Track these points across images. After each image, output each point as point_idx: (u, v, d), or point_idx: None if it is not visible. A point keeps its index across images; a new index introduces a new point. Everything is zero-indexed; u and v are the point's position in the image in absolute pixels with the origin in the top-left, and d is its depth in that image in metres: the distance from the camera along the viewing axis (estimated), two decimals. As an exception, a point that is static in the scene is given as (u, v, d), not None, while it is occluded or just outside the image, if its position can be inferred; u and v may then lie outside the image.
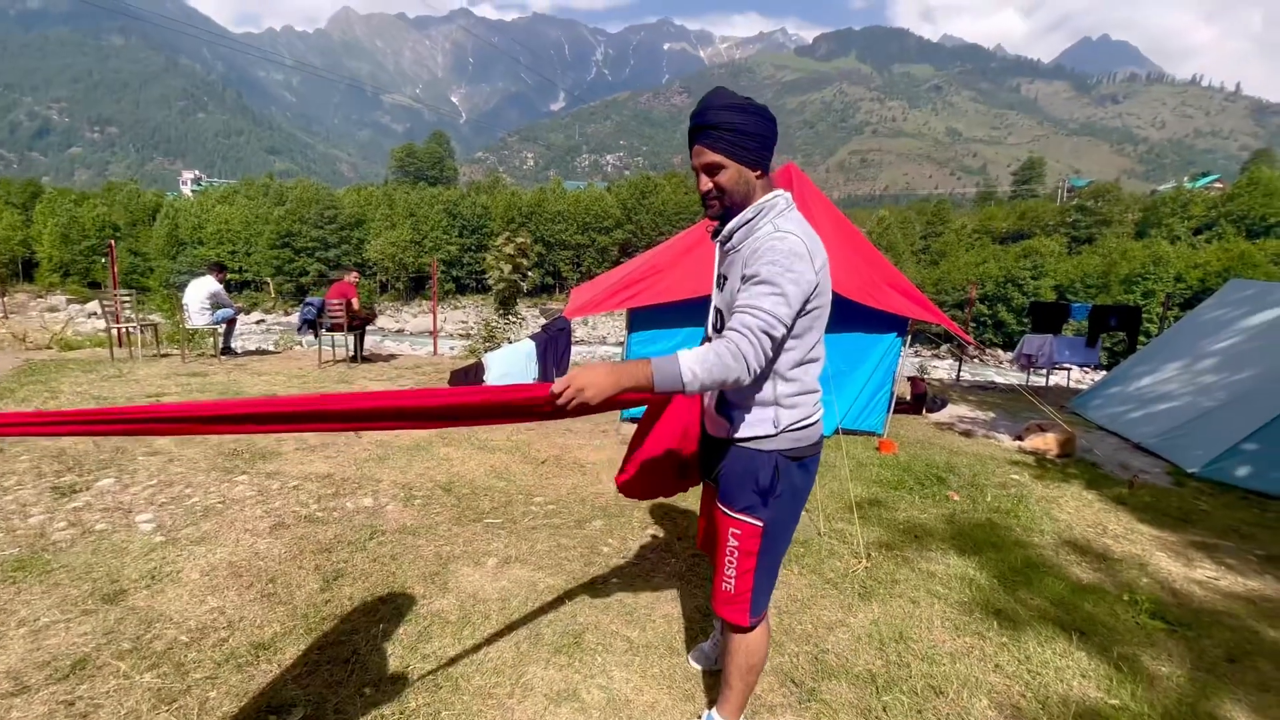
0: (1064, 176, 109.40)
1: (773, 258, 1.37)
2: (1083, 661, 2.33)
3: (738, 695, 1.73)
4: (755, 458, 1.53)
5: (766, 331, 1.33)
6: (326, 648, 2.16)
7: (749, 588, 1.59)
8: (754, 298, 1.36)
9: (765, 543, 1.56)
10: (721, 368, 1.30)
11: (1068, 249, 48.83)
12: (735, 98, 1.45)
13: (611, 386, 1.29)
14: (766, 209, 1.48)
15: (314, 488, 3.62)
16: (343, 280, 8.08)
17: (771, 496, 1.53)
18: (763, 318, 1.33)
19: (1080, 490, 4.40)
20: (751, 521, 1.55)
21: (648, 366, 1.29)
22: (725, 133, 1.41)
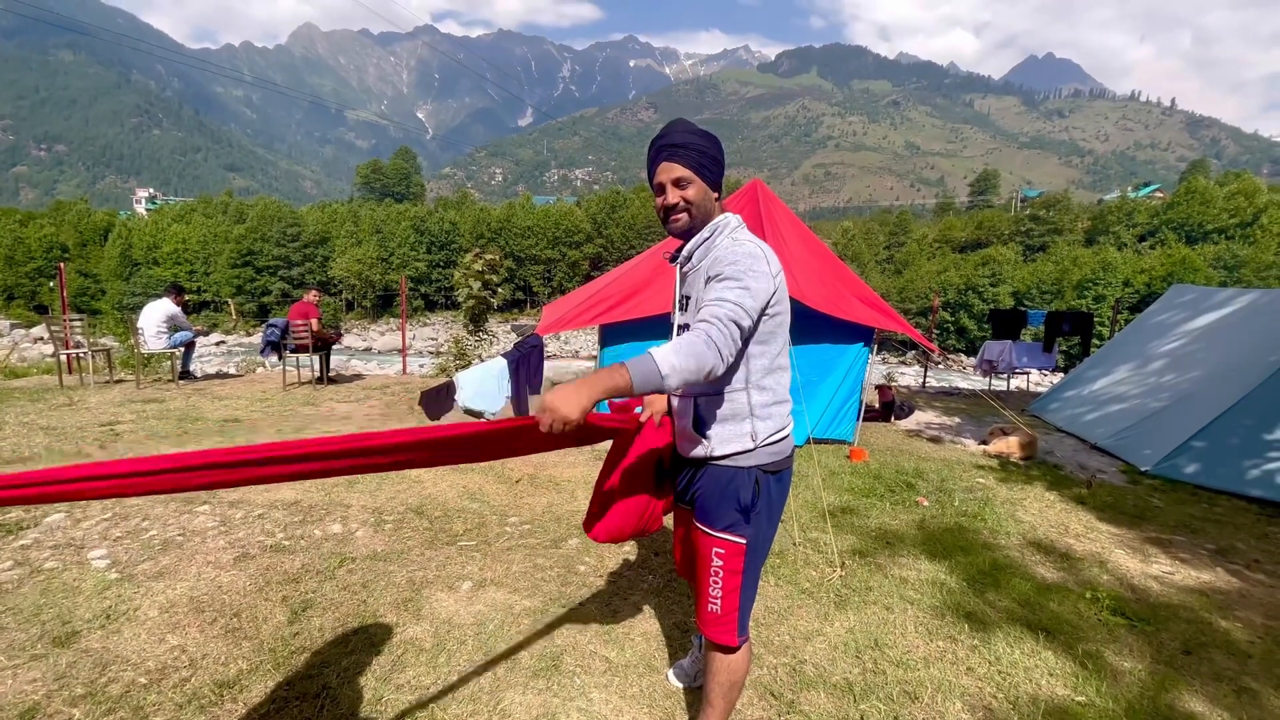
0: (1017, 188, 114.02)
1: (734, 259, 1.43)
2: (1050, 660, 2.39)
3: (721, 712, 1.72)
4: (735, 475, 1.53)
5: (734, 320, 1.34)
6: (296, 683, 2.09)
7: (735, 606, 1.58)
8: (719, 291, 1.38)
9: (748, 560, 1.57)
10: (696, 356, 1.28)
11: (1023, 257, 50.75)
12: (696, 126, 1.55)
13: (586, 399, 1.23)
14: (721, 227, 1.56)
15: (280, 515, 3.51)
16: (303, 300, 7.90)
17: (753, 513, 1.53)
18: (729, 307, 1.35)
19: (1043, 491, 4.55)
20: (735, 540, 1.54)
21: (624, 369, 1.25)
22: (693, 152, 1.50)
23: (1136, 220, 52.24)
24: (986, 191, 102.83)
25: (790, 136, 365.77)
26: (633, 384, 1.24)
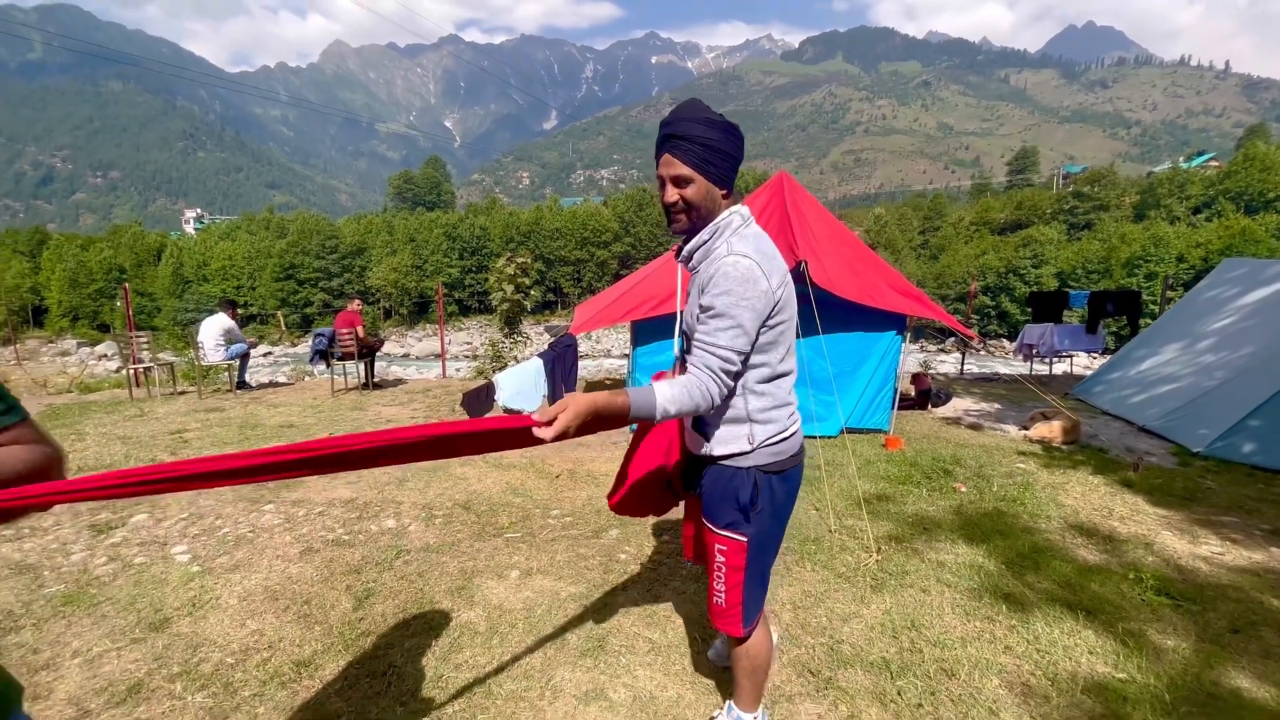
0: (1058, 164, 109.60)
1: (726, 286, 1.38)
2: (1090, 639, 2.41)
3: (749, 691, 1.79)
4: (735, 475, 1.54)
5: (725, 369, 1.39)
6: (364, 662, 2.27)
7: (739, 600, 1.61)
8: (711, 334, 1.39)
9: (751, 557, 1.58)
10: (690, 402, 1.36)
11: (1067, 236, 48.83)
12: (709, 112, 1.45)
13: (589, 413, 1.28)
14: (722, 228, 1.48)
15: (339, 513, 3.74)
16: (347, 309, 8.26)
17: (753, 512, 1.54)
18: (720, 354, 1.38)
19: (1087, 475, 4.47)
20: (736, 538, 1.56)
21: (624, 397, 1.31)
22: (696, 146, 1.40)
23: (1190, 192, 49.69)
24: (1026, 170, 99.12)
25: (817, 124, 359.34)
26: (631, 412, 1.32)
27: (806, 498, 4.02)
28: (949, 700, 2.07)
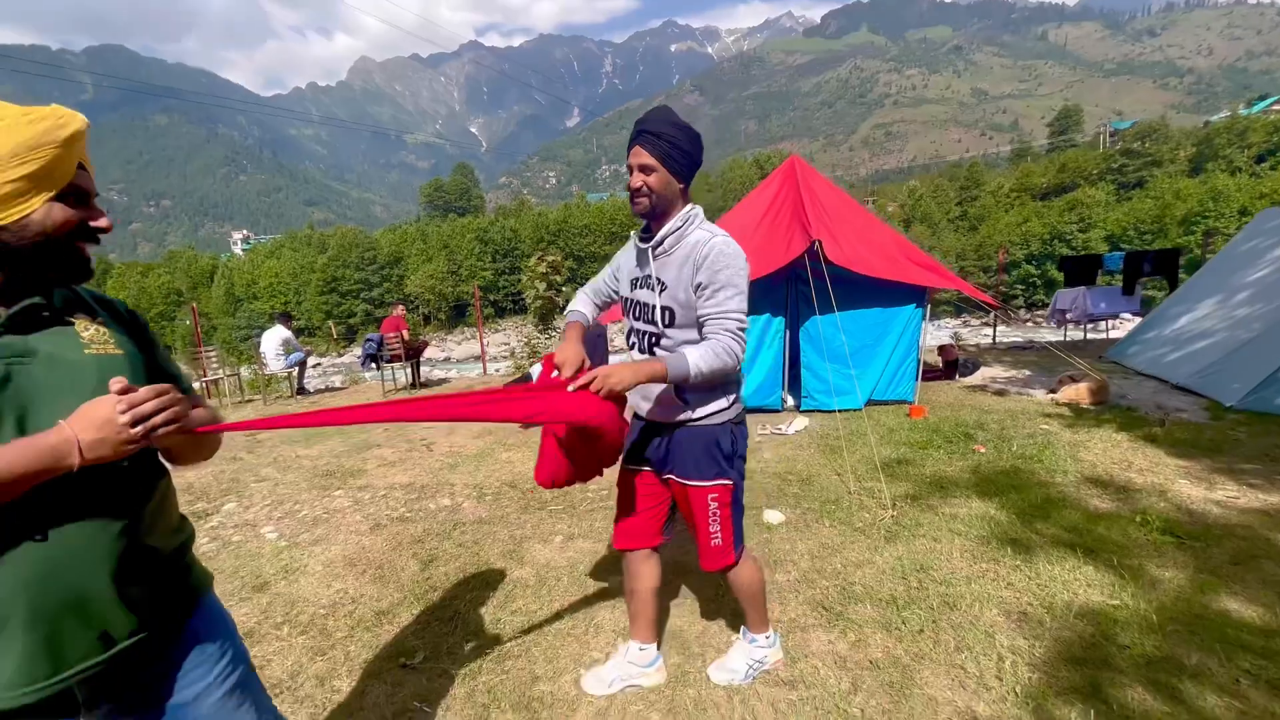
0: (1104, 121, 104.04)
1: (726, 261, 1.63)
2: (1089, 574, 2.58)
3: (757, 614, 2.05)
4: (715, 430, 1.77)
5: (741, 329, 1.65)
6: (433, 611, 2.64)
7: (731, 533, 1.87)
8: (724, 303, 1.63)
9: (736, 494, 1.86)
10: (719, 362, 1.61)
11: (1116, 196, 46.56)
12: (676, 117, 1.69)
13: (632, 378, 1.56)
14: (691, 218, 1.72)
15: (400, 494, 4.16)
16: (392, 315, 8.78)
17: (737, 458, 1.82)
18: (738, 318, 1.64)
19: (1111, 433, 4.54)
20: (724, 483, 1.81)
21: (661, 364, 1.59)
22: (662, 142, 1.63)
23: (1251, 140, 46.71)
24: (1068, 130, 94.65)
25: (844, 100, 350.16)
26: (669, 375, 1.59)
27: (828, 465, 4.24)
28: (949, 627, 2.30)
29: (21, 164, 0.83)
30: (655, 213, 1.71)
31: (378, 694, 2.12)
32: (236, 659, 1.13)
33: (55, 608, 0.86)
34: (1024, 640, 2.19)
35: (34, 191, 0.85)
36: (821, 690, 2.00)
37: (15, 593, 0.83)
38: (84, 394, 0.88)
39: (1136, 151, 53.09)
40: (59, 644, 0.86)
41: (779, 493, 3.79)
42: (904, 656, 2.14)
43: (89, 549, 0.89)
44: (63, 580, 0.87)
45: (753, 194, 6.21)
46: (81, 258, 0.94)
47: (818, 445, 4.76)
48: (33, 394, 0.86)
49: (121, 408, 0.84)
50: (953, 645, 2.18)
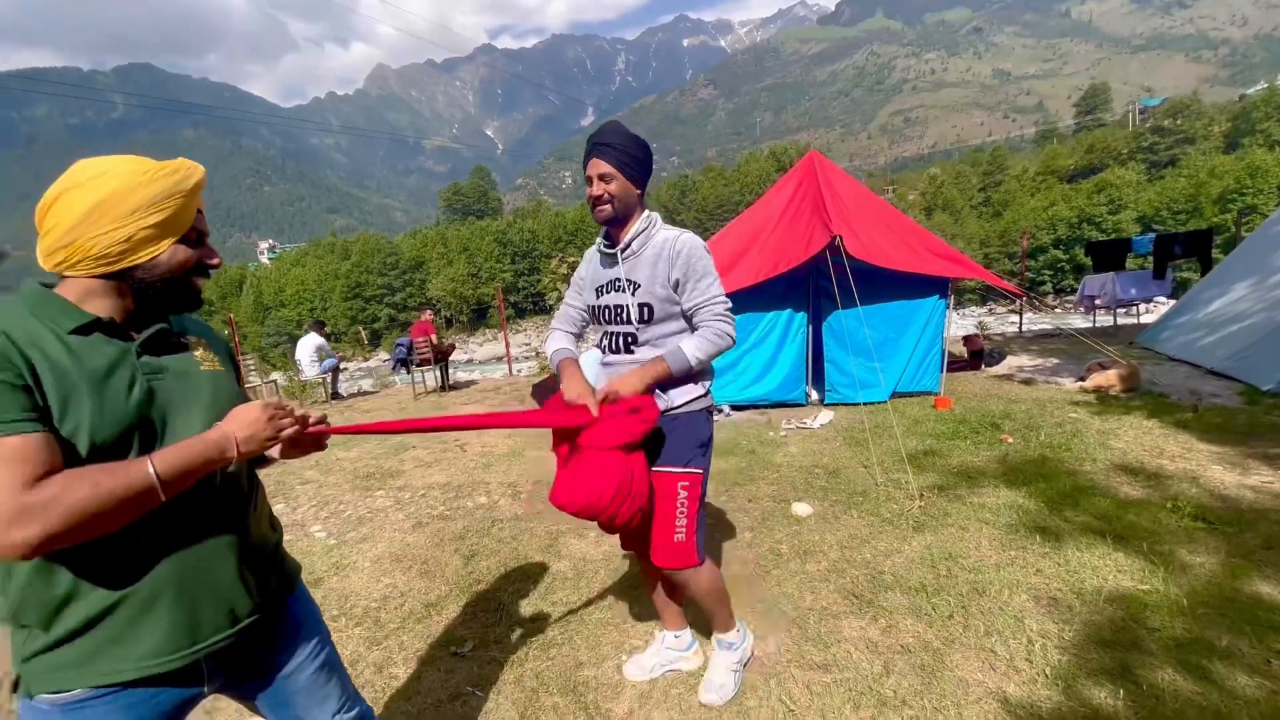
0: (1133, 99, 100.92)
1: (700, 254, 1.77)
2: (1119, 560, 2.61)
3: (722, 615, 2.02)
4: (692, 418, 1.83)
5: (726, 307, 1.77)
6: (479, 603, 2.77)
7: (695, 529, 1.84)
8: (709, 289, 1.76)
9: (704, 486, 1.87)
10: (715, 347, 1.74)
11: (1147, 176, 45.20)
12: (627, 130, 1.81)
13: (640, 383, 1.70)
14: (654, 221, 1.85)
15: (438, 494, 4.32)
16: (421, 320, 9.00)
17: (709, 445, 1.87)
18: (724, 300, 1.77)
19: (1141, 420, 4.50)
20: (694, 470, 1.83)
21: (663, 363, 1.72)
22: (617, 151, 1.74)
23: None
24: (1096, 109, 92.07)
25: (861, 88, 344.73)
26: (672, 371, 1.72)
27: (855, 457, 4.30)
28: (979, 612, 2.35)
29: (156, 212, 0.97)
30: (617, 219, 1.80)
31: (432, 679, 2.26)
32: (324, 639, 1.27)
33: (196, 589, 1.01)
34: (1053, 624, 2.24)
35: (163, 236, 0.99)
36: (854, 673, 2.08)
37: (167, 575, 0.98)
38: (205, 403, 1.04)
39: (1168, 129, 51.50)
40: (198, 620, 1.01)
41: (806, 485, 3.86)
42: (934, 641, 2.21)
43: (220, 540, 1.05)
44: (203, 566, 1.02)
45: (772, 191, 6.25)
46: (195, 290, 1.07)
47: (843, 438, 4.81)
48: (169, 404, 1.00)
49: (268, 414, 1.02)
50: (982, 630, 2.24)
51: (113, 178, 0.94)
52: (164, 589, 0.97)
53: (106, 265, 0.95)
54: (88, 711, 0.94)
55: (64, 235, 0.93)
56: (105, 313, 0.98)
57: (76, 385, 0.90)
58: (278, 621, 1.18)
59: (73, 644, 0.93)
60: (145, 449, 0.96)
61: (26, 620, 0.92)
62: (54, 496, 0.82)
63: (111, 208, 0.93)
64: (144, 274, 0.99)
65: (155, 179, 0.97)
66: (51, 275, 0.99)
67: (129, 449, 0.94)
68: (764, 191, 6.40)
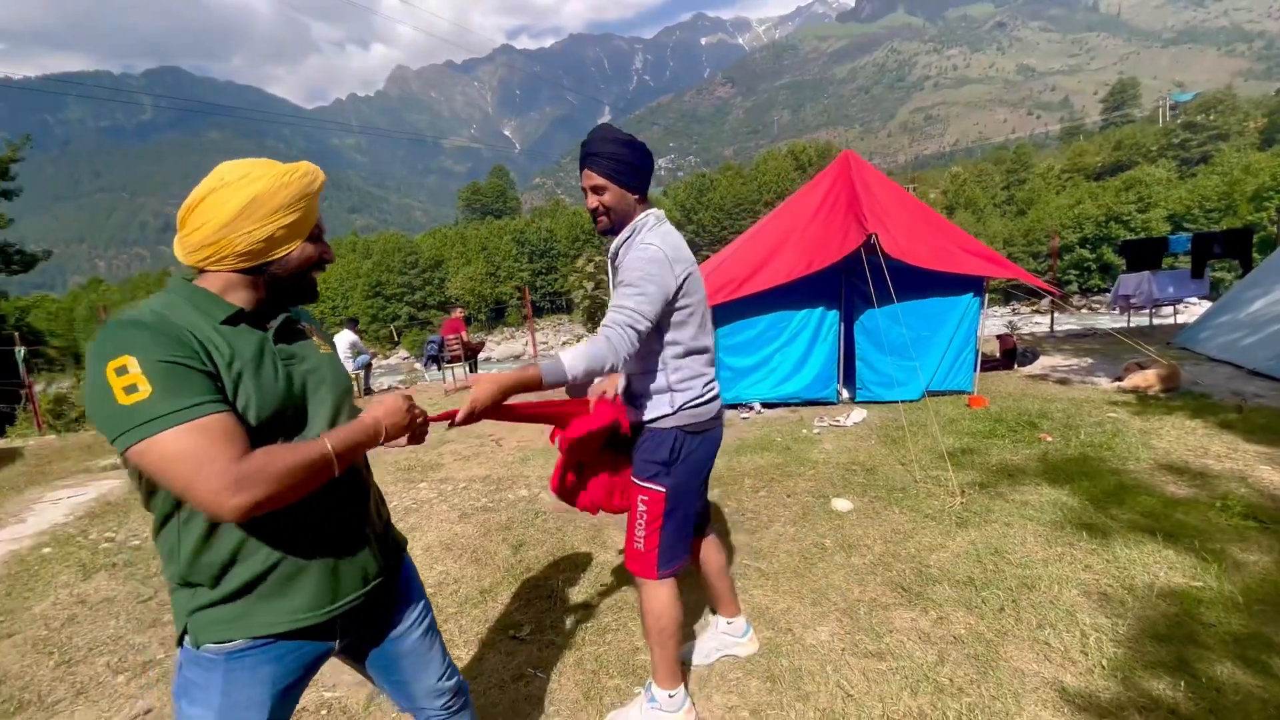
0: (1163, 94, 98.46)
1: (635, 264, 1.63)
2: (1170, 557, 2.62)
3: (661, 663, 1.89)
4: (658, 435, 1.77)
5: (631, 325, 1.57)
6: (532, 589, 2.86)
7: (656, 545, 1.81)
8: (621, 297, 1.62)
9: (669, 505, 1.79)
10: (597, 358, 1.51)
11: (1178, 173, 44.14)
12: (618, 134, 1.73)
13: (497, 392, 1.39)
14: (639, 227, 1.74)
15: (479, 486, 4.43)
16: (452, 317, 9.16)
17: (673, 465, 1.77)
18: (627, 313, 1.57)
19: (1183, 420, 4.46)
20: (654, 488, 1.78)
21: (535, 369, 1.47)
22: (607, 160, 1.68)
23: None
24: (1124, 105, 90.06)
25: (881, 85, 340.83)
26: (543, 380, 1.47)
27: (891, 455, 4.32)
28: (1030, 606, 2.38)
29: (292, 213, 1.06)
30: (616, 228, 1.77)
31: (494, 661, 2.35)
32: (427, 606, 1.37)
33: (338, 552, 1.12)
34: (1106, 619, 2.26)
35: (295, 235, 1.09)
36: (909, 661, 2.12)
37: (316, 540, 1.08)
38: (329, 384, 1.15)
39: (1200, 125, 50.28)
40: (339, 581, 1.11)
41: (844, 482, 3.89)
42: (987, 632, 2.24)
43: (354, 508, 1.16)
44: (342, 531, 1.13)
45: (804, 189, 6.27)
46: (313, 283, 1.17)
47: (877, 436, 4.82)
48: (305, 387, 1.10)
49: (407, 405, 1.14)
50: (1035, 622, 2.27)
51: (256, 180, 1.03)
52: (314, 552, 1.08)
53: (249, 261, 1.04)
54: (246, 659, 1.04)
55: (214, 233, 1.01)
56: (243, 304, 1.07)
57: (240, 370, 1.00)
58: (394, 585, 1.28)
59: (236, 601, 1.03)
60: (294, 428, 1.06)
61: (197, 579, 1.02)
62: (260, 467, 0.91)
63: (257, 208, 1.02)
64: (278, 269, 1.09)
65: (291, 182, 1.06)
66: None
67: (280, 430, 1.04)
68: (783, 190, 6.43)
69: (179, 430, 0.88)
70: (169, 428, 0.87)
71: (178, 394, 0.89)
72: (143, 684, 2.37)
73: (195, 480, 0.87)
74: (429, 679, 1.32)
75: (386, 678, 1.31)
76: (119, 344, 0.90)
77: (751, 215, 52.78)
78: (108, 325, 0.94)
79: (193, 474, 0.87)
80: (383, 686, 1.33)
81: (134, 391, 0.87)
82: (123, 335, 0.91)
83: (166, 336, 0.93)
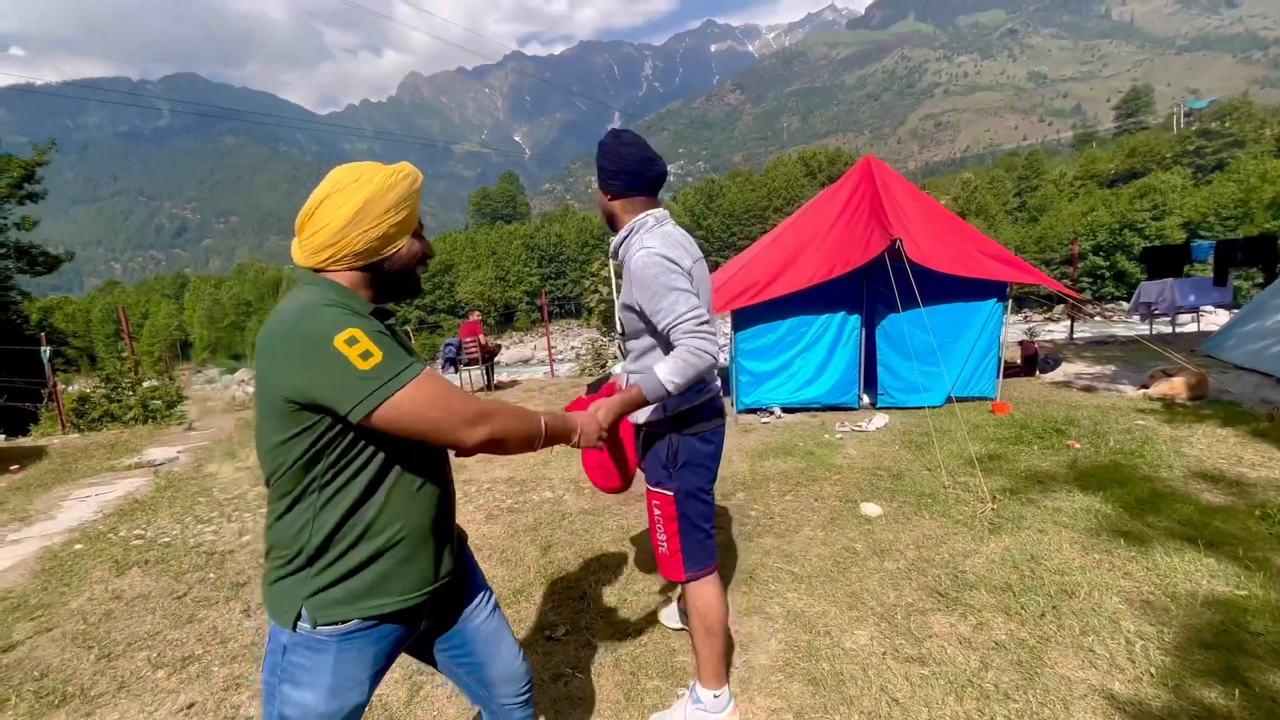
0: (1177, 101, 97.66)
1: (653, 272, 1.58)
2: (1211, 565, 2.58)
3: (707, 662, 1.87)
4: (656, 439, 1.80)
5: (697, 321, 1.52)
6: (563, 590, 2.86)
7: (679, 548, 1.82)
8: (675, 306, 1.55)
9: (680, 508, 1.79)
10: (694, 368, 1.50)
11: (1193, 181, 43.73)
12: (604, 142, 1.77)
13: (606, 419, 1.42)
14: (637, 227, 1.74)
15: (503, 488, 4.44)
16: (469, 320, 9.21)
17: (675, 468, 1.77)
18: (686, 317, 1.53)
19: (1214, 428, 4.41)
20: (663, 492, 1.81)
21: (636, 390, 1.50)
22: (598, 170, 1.79)
23: (1348, 114, 43.00)
24: (1138, 112, 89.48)
25: (891, 92, 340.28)
26: (646, 398, 1.51)
27: (917, 460, 4.29)
28: (1071, 613, 2.36)
29: (400, 211, 1.11)
30: (613, 227, 1.83)
31: (531, 661, 2.34)
32: (489, 590, 1.40)
33: (439, 536, 1.18)
34: (1150, 626, 2.23)
35: (402, 232, 1.13)
36: (951, 667, 2.10)
37: (424, 525, 1.14)
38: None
39: (1215, 132, 49.89)
40: (439, 561, 1.18)
41: (871, 487, 3.87)
42: (1029, 639, 2.22)
43: (446, 495, 1.21)
44: (439, 516, 1.19)
45: (825, 194, 6.27)
46: (418, 278, 1.22)
47: (901, 441, 4.80)
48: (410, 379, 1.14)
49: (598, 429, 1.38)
50: (1077, 629, 2.25)
51: (367, 184, 1.08)
52: (423, 536, 1.13)
53: (365, 259, 1.10)
54: (357, 639, 1.09)
55: (334, 234, 1.06)
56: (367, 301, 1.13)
57: None
58: (461, 571, 1.32)
59: (352, 580, 1.07)
60: None
61: (325, 557, 1.05)
62: (494, 411, 1.07)
63: (371, 209, 1.07)
64: (389, 266, 1.14)
65: (398, 182, 1.10)
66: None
67: None
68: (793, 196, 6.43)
69: (419, 381, 0.99)
70: (411, 379, 0.99)
71: (400, 355, 1.00)
72: (182, 679, 2.39)
73: (450, 414, 1.01)
74: (505, 658, 1.35)
75: (462, 663, 1.32)
76: (338, 321, 0.97)
77: (761, 221, 52.77)
78: (308, 310, 0.99)
79: (446, 410, 1.00)
80: (456, 677, 1.35)
81: (369, 357, 0.96)
82: (334, 314, 0.98)
83: (362, 314, 1.02)
